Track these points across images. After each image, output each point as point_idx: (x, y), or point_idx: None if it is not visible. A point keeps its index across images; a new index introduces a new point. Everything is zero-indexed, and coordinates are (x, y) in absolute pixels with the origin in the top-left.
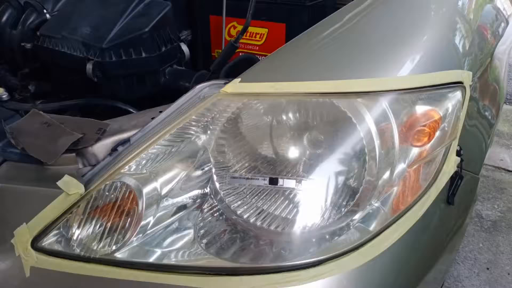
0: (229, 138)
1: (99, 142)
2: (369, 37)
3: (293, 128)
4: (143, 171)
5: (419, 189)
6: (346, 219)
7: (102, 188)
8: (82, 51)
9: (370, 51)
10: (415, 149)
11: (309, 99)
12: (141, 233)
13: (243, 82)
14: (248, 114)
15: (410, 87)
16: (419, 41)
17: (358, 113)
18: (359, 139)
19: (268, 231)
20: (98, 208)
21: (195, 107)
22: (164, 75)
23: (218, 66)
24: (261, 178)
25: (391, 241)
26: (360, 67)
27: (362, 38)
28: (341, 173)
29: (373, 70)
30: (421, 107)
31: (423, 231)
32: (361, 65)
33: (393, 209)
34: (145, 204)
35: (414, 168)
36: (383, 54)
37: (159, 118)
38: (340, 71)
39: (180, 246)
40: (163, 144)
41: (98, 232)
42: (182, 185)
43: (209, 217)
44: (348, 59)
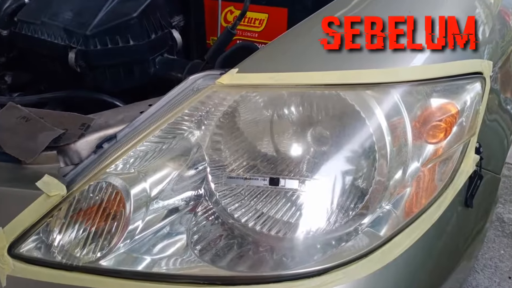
0: (225, 134)
1: (83, 139)
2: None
3: (295, 123)
4: (131, 171)
5: (435, 190)
6: (354, 223)
7: (86, 189)
8: (63, 39)
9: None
10: (430, 146)
11: (313, 91)
12: (129, 239)
13: (240, 73)
14: (246, 107)
15: (424, 78)
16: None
17: (367, 106)
18: (369, 135)
19: (268, 237)
20: (81, 211)
21: (188, 100)
22: (154, 64)
23: (213, 55)
24: (261, 178)
25: (404, 247)
26: (370, 56)
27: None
28: (348, 172)
29: (383, 59)
30: (436, 100)
31: (438, 237)
32: (371, 54)
33: (405, 212)
34: (133, 207)
35: (429, 167)
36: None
37: (148, 112)
38: (347, 60)
39: (172, 253)
40: (153, 141)
41: (81, 238)
42: (174, 185)
43: (204, 221)
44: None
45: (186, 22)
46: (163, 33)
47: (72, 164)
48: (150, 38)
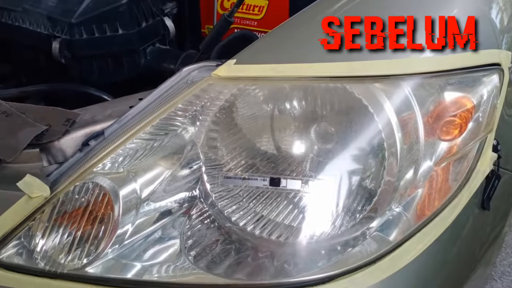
0: (222, 131)
1: (67, 136)
2: (389, 10)
3: (298, 119)
4: (120, 170)
5: (449, 191)
6: (361, 227)
7: (71, 190)
8: (47, 27)
9: None
10: (444, 143)
11: (317, 83)
12: (118, 244)
13: (238, 64)
14: (244, 102)
15: (437, 70)
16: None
17: (376, 100)
18: (377, 132)
19: (268, 242)
20: (66, 214)
21: (182, 94)
22: (145, 55)
23: (209, 45)
24: (260, 179)
25: (415, 253)
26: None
27: (381, 12)
28: (355, 172)
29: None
30: (450, 94)
31: (453, 242)
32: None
33: (417, 215)
34: (122, 209)
35: (442, 167)
36: None
37: (138, 107)
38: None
39: (164, 259)
40: (144, 138)
41: (66, 243)
42: (166, 186)
43: (199, 224)
44: None
45: (179, 9)
46: (154, 21)
47: (56, 163)
48: (141, 26)
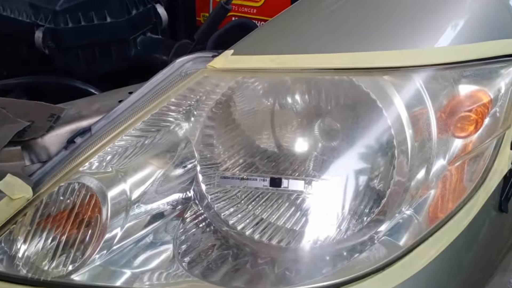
0: (218, 127)
1: (52, 132)
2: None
3: (300, 114)
4: (108, 169)
5: (463, 192)
6: (369, 231)
7: (55, 191)
8: (29, 15)
9: (399, 15)
10: (458, 141)
11: (322, 76)
12: (106, 249)
13: (236, 55)
14: (243, 95)
15: (451, 61)
16: (463, 2)
17: (385, 94)
18: (386, 128)
19: (268, 247)
20: (49, 217)
21: (175, 87)
22: (135, 45)
23: (204, 35)
24: (260, 179)
25: (427, 259)
26: (387, 35)
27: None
28: (362, 172)
29: (403, 39)
30: (465, 87)
31: (468, 247)
32: (388, 32)
33: (429, 218)
34: (110, 212)
35: (456, 166)
36: (417, 19)
37: (128, 101)
38: (361, 40)
39: (156, 265)
40: (134, 135)
41: (50, 248)
42: (159, 187)
43: (193, 228)
44: (372, 26)
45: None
46: (145, 9)
47: (39, 162)
48: (131, 14)
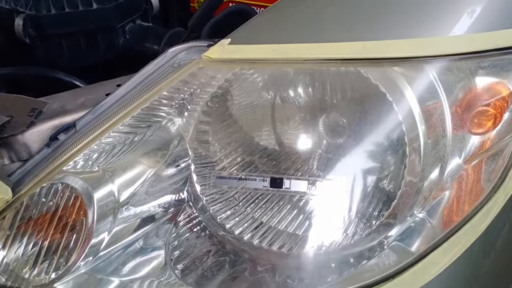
0: (214, 123)
1: (33, 128)
2: None
3: (304, 109)
4: (94, 169)
5: (481, 193)
6: (378, 236)
7: (37, 193)
8: (8, 1)
9: (411, 1)
10: (475, 137)
11: (327, 67)
12: (92, 256)
13: (234, 44)
14: (241, 88)
15: (467, 51)
16: None
17: (396, 87)
18: (397, 124)
19: (269, 253)
20: (31, 221)
21: (167, 79)
22: (124, 34)
23: (199, 22)
24: (260, 179)
25: (442, 266)
26: (398, 22)
27: None
28: (371, 171)
29: (415, 27)
30: (483, 79)
31: (486, 253)
32: (399, 20)
33: (444, 221)
34: (96, 215)
35: (473, 165)
36: (431, 5)
37: (116, 95)
38: (370, 29)
39: (146, 273)
40: (122, 131)
41: (31, 254)
42: (149, 188)
43: (187, 232)
44: (381, 12)
45: None
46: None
47: (19, 161)
48: (119, 0)
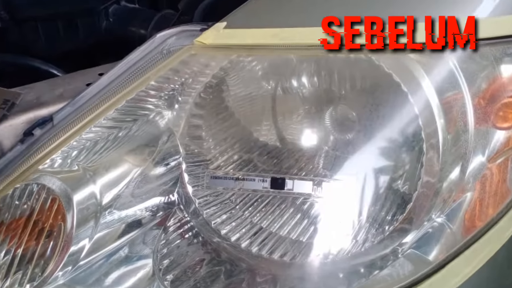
0: (208, 116)
1: (5, 122)
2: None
3: (308, 100)
4: (74, 168)
5: (507, 195)
6: (391, 243)
7: (9, 194)
8: None
9: None
10: (500, 133)
11: (334, 54)
12: (71, 265)
13: (230, 28)
14: (238, 78)
15: (491, 36)
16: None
17: (411, 76)
18: (413, 118)
19: (269, 262)
20: (3, 226)
21: (155, 68)
22: (107, 16)
23: (191, 3)
24: (259, 179)
25: (463, 276)
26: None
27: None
28: (383, 170)
29: (431, 7)
30: (509, 67)
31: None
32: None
33: (465, 226)
34: (76, 220)
35: (498, 163)
36: None
37: (98, 85)
38: (381, 10)
39: (132, 284)
40: (105, 126)
41: (3, 263)
42: (135, 189)
43: (177, 239)
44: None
45: None
46: None
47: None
48: None
